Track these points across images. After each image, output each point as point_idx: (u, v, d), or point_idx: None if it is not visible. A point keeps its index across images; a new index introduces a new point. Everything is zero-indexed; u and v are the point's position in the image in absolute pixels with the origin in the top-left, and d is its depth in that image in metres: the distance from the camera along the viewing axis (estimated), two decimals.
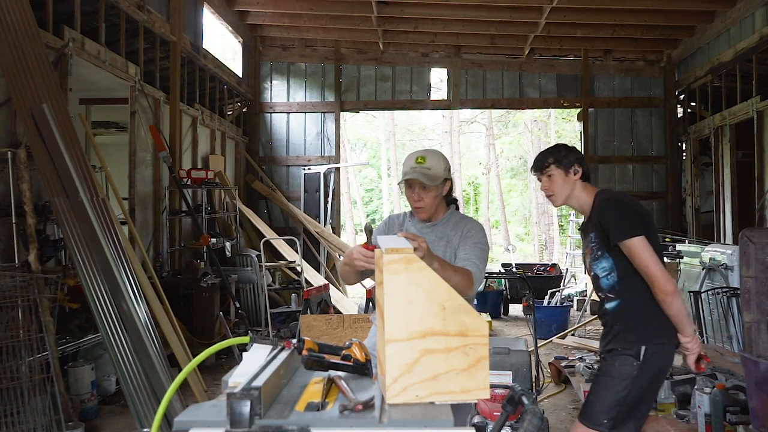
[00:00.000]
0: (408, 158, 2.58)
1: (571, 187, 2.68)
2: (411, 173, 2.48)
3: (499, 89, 11.09)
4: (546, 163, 2.69)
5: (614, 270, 2.59)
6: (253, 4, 9.69)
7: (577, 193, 2.69)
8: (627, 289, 2.59)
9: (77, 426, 4.14)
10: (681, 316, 2.50)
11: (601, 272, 2.64)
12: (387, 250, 1.63)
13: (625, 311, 2.61)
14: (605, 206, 2.59)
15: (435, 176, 2.49)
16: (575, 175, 2.67)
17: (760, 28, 7.77)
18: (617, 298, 2.62)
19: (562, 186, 2.68)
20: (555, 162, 2.67)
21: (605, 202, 2.61)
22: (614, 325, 2.63)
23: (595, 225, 2.60)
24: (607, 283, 2.64)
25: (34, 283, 3.93)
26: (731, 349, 5.24)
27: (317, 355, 1.73)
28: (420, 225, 2.62)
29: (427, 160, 2.50)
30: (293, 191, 10.84)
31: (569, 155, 2.68)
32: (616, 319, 2.63)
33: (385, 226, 2.72)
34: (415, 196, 2.52)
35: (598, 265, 2.64)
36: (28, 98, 4.34)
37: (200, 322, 6.69)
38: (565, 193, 2.69)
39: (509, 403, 1.85)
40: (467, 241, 2.51)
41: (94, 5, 5.97)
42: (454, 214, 2.63)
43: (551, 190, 2.70)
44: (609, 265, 2.61)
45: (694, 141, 10.24)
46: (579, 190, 2.69)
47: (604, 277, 2.63)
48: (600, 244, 2.61)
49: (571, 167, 2.67)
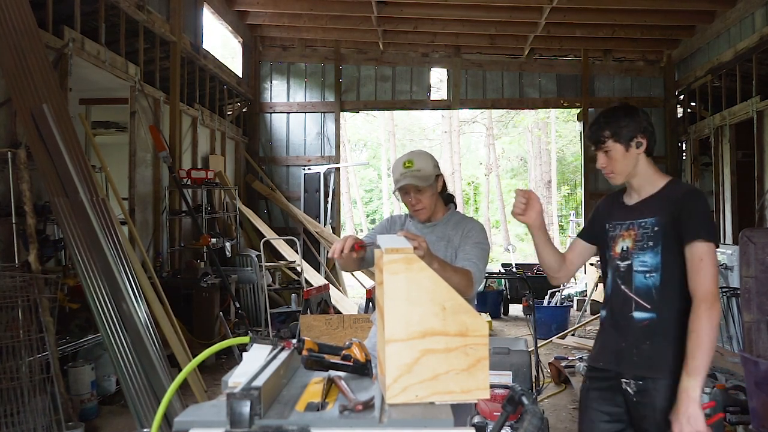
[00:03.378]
0: (396, 165, 2.56)
1: (634, 162, 2.22)
2: (403, 179, 2.47)
3: (499, 89, 11.09)
4: (602, 137, 2.23)
5: (659, 270, 2.16)
6: (253, 4, 9.69)
7: (642, 170, 2.24)
8: (666, 301, 2.15)
9: (77, 426, 4.14)
10: (708, 351, 2.02)
11: (639, 266, 2.19)
12: (387, 249, 1.62)
13: (661, 329, 2.15)
14: (696, 197, 2.15)
15: (426, 176, 2.48)
16: (638, 149, 2.22)
17: (760, 28, 7.77)
18: (653, 311, 2.16)
19: (622, 163, 2.22)
20: (613, 135, 2.21)
21: (695, 193, 2.19)
22: (642, 344, 2.17)
23: (667, 210, 2.15)
24: (643, 283, 2.18)
25: (34, 283, 3.93)
26: (731, 349, 5.24)
27: (317, 355, 1.73)
28: (420, 226, 2.62)
29: (415, 162, 2.48)
30: (293, 191, 10.84)
31: (631, 124, 2.21)
32: (647, 337, 2.17)
33: (386, 225, 2.71)
34: (413, 200, 2.51)
35: (639, 257, 2.19)
36: (28, 98, 4.34)
37: (200, 322, 6.69)
38: (627, 170, 2.23)
39: (509, 403, 1.85)
40: (467, 241, 2.51)
41: (94, 5, 5.97)
42: (454, 214, 2.63)
43: (610, 167, 2.25)
44: (655, 263, 2.16)
45: (694, 141, 10.24)
46: (644, 165, 2.24)
47: (642, 274, 2.18)
48: (658, 234, 2.16)
49: (632, 140, 2.21)
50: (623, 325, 2.22)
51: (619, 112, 2.24)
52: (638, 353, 2.17)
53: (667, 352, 2.12)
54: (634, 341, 2.18)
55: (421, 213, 2.55)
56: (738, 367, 3.68)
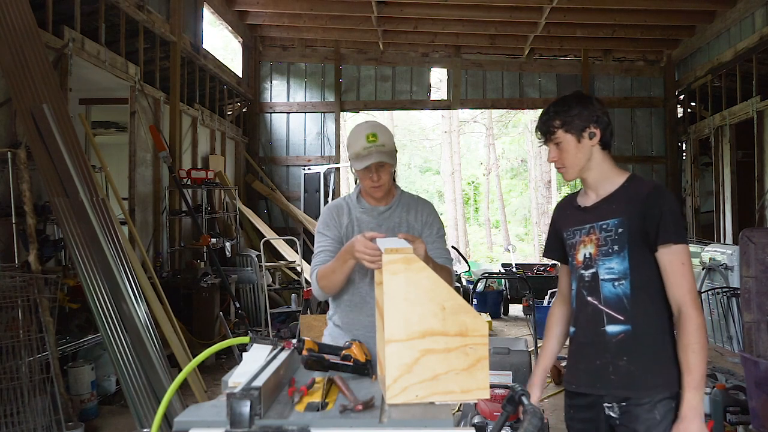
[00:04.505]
0: (356, 137, 2.31)
1: (587, 155, 2.03)
2: (370, 156, 2.26)
3: (499, 89, 11.09)
4: (551, 127, 2.04)
5: (627, 277, 1.95)
6: (253, 4, 9.69)
7: (596, 164, 2.05)
8: (640, 310, 1.95)
9: (77, 426, 4.14)
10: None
11: (606, 274, 1.99)
12: (386, 250, 1.63)
13: (638, 342, 1.95)
14: (664, 194, 1.95)
15: (391, 152, 2.31)
16: (591, 140, 2.02)
17: (760, 28, 7.77)
18: (627, 322, 1.95)
19: (574, 156, 2.03)
20: (563, 125, 2.02)
21: (661, 190, 1.97)
22: (619, 361, 1.96)
23: (633, 209, 1.96)
24: (612, 292, 1.97)
25: (34, 283, 3.93)
26: (731, 349, 5.24)
27: (317, 355, 1.73)
28: (374, 212, 2.43)
29: (379, 137, 2.28)
30: (293, 191, 10.84)
31: (583, 113, 2.01)
32: (623, 352, 1.96)
33: (333, 216, 2.45)
34: (374, 177, 2.31)
35: (604, 264, 1.99)
36: (28, 98, 4.34)
37: (200, 322, 6.69)
38: (579, 164, 2.04)
39: (509, 403, 1.85)
40: (431, 231, 2.42)
41: (94, 5, 5.97)
42: (403, 195, 2.49)
43: (561, 161, 2.06)
44: (623, 269, 1.96)
45: (694, 141, 10.23)
46: (599, 159, 2.05)
47: (610, 283, 1.98)
48: (623, 236, 1.96)
49: (585, 130, 2.01)
50: (596, 341, 2.01)
51: (570, 101, 2.04)
52: (615, 371, 1.96)
53: (647, 367, 1.93)
54: (610, 359, 1.97)
55: (379, 191, 2.37)
56: (738, 367, 3.68)
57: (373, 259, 1.94)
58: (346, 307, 2.41)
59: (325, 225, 2.44)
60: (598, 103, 2.05)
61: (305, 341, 1.74)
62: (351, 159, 2.34)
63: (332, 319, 2.50)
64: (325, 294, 2.37)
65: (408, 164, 26.97)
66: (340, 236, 2.40)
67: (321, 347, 1.76)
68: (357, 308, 2.37)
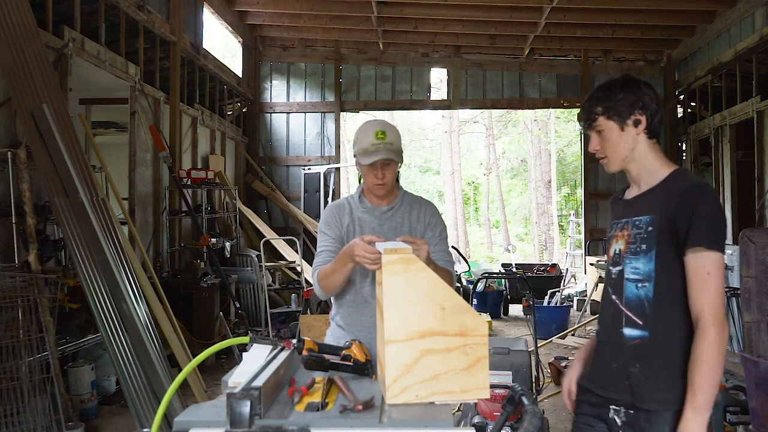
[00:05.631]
0: (365, 134, 2.31)
1: (631, 145, 1.87)
2: (378, 153, 2.26)
3: (499, 89, 11.08)
4: (593, 114, 1.89)
5: (652, 280, 1.81)
6: (253, 4, 9.69)
7: (640, 154, 1.88)
8: (660, 317, 1.80)
9: (77, 426, 4.14)
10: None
11: (631, 273, 1.86)
12: (386, 250, 1.63)
13: (653, 351, 1.81)
14: (701, 192, 1.76)
15: (399, 151, 2.32)
16: (636, 127, 1.86)
17: (760, 28, 7.77)
18: (645, 328, 1.82)
19: (617, 144, 1.88)
20: (605, 111, 1.86)
21: (700, 187, 1.78)
22: (632, 367, 1.84)
23: (665, 206, 1.79)
24: (635, 293, 1.84)
25: (34, 283, 3.93)
26: (731, 349, 5.24)
27: (317, 355, 1.73)
28: (377, 211, 2.43)
29: (388, 135, 2.29)
30: (293, 191, 10.84)
31: (628, 98, 1.84)
32: (637, 359, 1.83)
33: (334, 216, 2.45)
34: (379, 175, 2.32)
35: (631, 262, 1.86)
36: (28, 98, 4.34)
37: (200, 322, 6.69)
38: (623, 154, 1.89)
39: (509, 403, 1.85)
40: (433, 232, 2.42)
41: (94, 5, 5.97)
42: (405, 196, 2.49)
43: (603, 150, 1.92)
44: (648, 270, 1.81)
45: (694, 141, 10.24)
46: (644, 150, 1.88)
47: (634, 284, 1.85)
48: (652, 235, 1.81)
49: (629, 117, 1.85)
50: (613, 342, 1.90)
51: (615, 85, 1.88)
52: (628, 377, 1.85)
53: (658, 379, 1.80)
54: (623, 363, 1.86)
55: (382, 188, 2.37)
56: (738, 367, 3.68)
57: (374, 261, 1.94)
58: (348, 308, 2.41)
59: (326, 224, 2.45)
60: (646, 87, 1.88)
61: (305, 341, 1.74)
62: (357, 154, 2.34)
63: (335, 320, 2.50)
64: (326, 294, 2.38)
65: (408, 164, 26.97)
66: (341, 236, 2.41)
67: (321, 347, 1.76)
68: (359, 309, 2.38)
